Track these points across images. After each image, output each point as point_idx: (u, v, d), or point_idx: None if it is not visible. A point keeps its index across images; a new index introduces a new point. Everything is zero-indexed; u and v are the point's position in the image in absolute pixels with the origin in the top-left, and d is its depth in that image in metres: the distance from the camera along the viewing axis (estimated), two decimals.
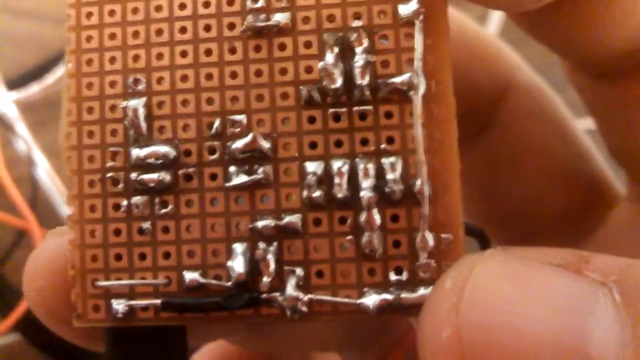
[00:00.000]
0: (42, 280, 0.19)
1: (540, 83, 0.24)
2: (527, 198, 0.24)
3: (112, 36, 0.18)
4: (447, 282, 0.15)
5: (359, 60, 0.17)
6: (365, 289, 0.17)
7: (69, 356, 0.37)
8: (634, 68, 0.19)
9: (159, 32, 0.18)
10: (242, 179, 0.17)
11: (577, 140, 0.24)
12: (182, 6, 0.18)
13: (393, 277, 0.17)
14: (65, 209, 0.38)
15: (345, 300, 0.17)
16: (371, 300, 0.17)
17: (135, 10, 0.18)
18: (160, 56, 0.18)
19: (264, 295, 0.17)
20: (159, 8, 0.18)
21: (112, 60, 0.18)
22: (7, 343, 0.37)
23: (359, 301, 0.17)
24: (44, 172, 0.38)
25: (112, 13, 0.18)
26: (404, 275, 0.17)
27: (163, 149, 0.18)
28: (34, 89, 0.38)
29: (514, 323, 0.14)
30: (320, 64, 0.17)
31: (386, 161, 0.17)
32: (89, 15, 0.18)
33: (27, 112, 0.40)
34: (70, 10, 0.18)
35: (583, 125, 0.25)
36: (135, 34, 0.18)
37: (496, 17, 0.44)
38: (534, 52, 0.24)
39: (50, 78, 0.38)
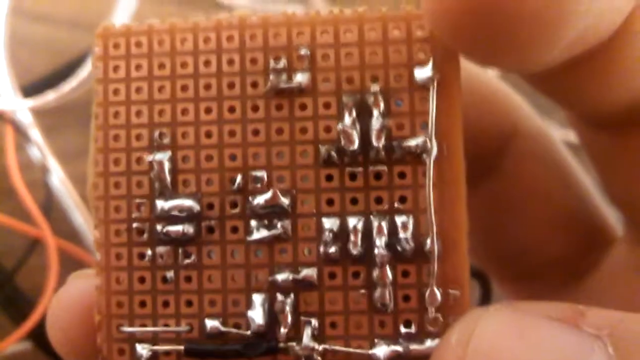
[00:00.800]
0: (66, 321, 0.19)
1: (544, 128, 0.25)
2: (528, 240, 0.24)
3: (139, 90, 0.19)
4: (453, 336, 0.16)
5: (376, 123, 0.18)
6: (376, 340, 0.18)
7: None
8: (636, 121, 0.20)
9: (185, 88, 0.18)
10: (263, 233, 0.18)
11: (578, 183, 0.24)
12: (207, 63, 0.18)
13: (403, 329, 0.18)
14: (78, 217, 0.39)
15: (358, 350, 0.18)
16: (382, 351, 0.18)
17: (161, 66, 0.19)
18: (185, 111, 0.18)
19: (281, 345, 0.18)
20: (184, 64, 0.18)
21: (139, 113, 0.19)
22: (19, 351, 0.37)
23: (370, 352, 0.18)
24: (58, 179, 0.39)
25: (138, 67, 0.19)
26: (413, 328, 0.18)
27: (188, 202, 0.18)
28: (49, 97, 0.38)
29: None
30: (339, 126, 0.18)
31: (399, 220, 0.18)
32: (116, 68, 0.19)
33: (41, 119, 0.40)
34: (97, 62, 0.19)
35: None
36: (161, 89, 0.19)
37: None
38: None
39: (66, 85, 0.38)
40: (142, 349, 0.18)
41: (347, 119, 0.18)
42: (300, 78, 0.18)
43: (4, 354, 0.37)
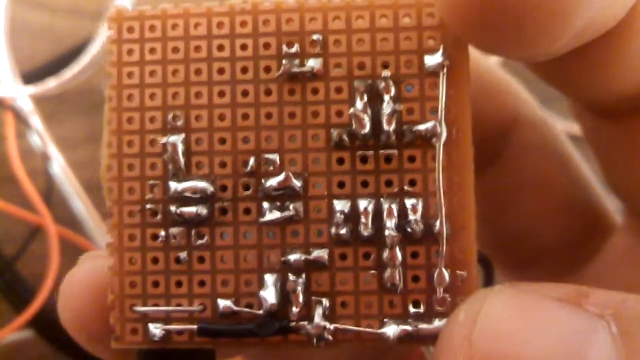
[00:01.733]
0: (79, 302, 0.19)
1: (545, 118, 0.25)
2: (530, 227, 0.25)
3: (153, 73, 0.19)
4: (461, 314, 0.16)
5: (387, 108, 0.18)
6: (386, 320, 0.18)
7: (82, 353, 0.37)
8: (639, 110, 0.20)
9: (198, 72, 0.18)
10: (275, 215, 0.18)
11: (578, 172, 0.25)
12: (221, 48, 0.18)
13: (412, 309, 0.18)
14: (79, 204, 0.38)
15: (368, 330, 0.18)
16: (392, 330, 0.18)
17: (175, 50, 0.18)
18: (199, 95, 0.18)
19: (293, 324, 0.18)
20: (198, 49, 0.18)
21: (153, 96, 0.18)
22: (20, 338, 0.37)
23: (380, 331, 0.18)
24: (59, 166, 0.38)
25: (152, 51, 0.19)
26: (422, 308, 0.18)
27: (202, 184, 0.18)
28: (50, 84, 0.38)
29: (522, 352, 0.15)
30: (351, 110, 0.18)
31: (409, 202, 0.18)
32: (131, 52, 0.19)
33: (42, 106, 0.39)
34: (112, 46, 0.19)
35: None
36: (175, 73, 0.18)
37: None
38: None
39: (67, 73, 0.38)
40: (155, 329, 0.18)
41: (359, 104, 0.18)
42: (313, 63, 0.18)
43: (5, 341, 0.37)
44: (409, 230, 0.18)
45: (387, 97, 0.18)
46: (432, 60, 0.18)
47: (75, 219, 0.38)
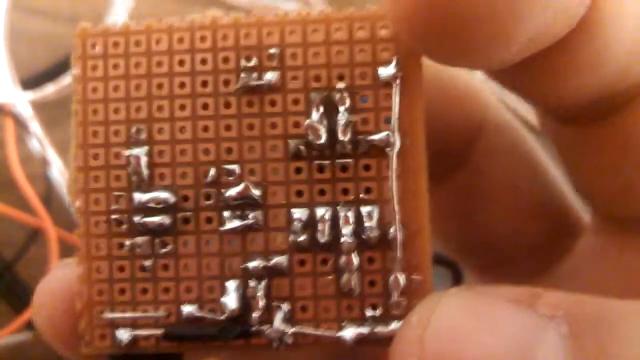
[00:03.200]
0: (51, 308, 0.19)
1: (512, 120, 0.25)
2: (499, 230, 0.24)
3: (116, 88, 0.19)
4: (414, 316, 0.16)
5: (342, 119, 0.18)
6: (344, 323, 0.18)
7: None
8: (600, 115, 0.20)
9: (160, 86, 0.18)
10: (235, 223, 0.18)
11: (546, 173, 0.25)
12: (181, 62, 0.18)
13: (369, 312, 0.18)
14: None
15: (327, 333, 0.18)
16: (349, 333, 0.18)
17: (138, 65, 0.19)
18: (161, 109, 0.18)
19: (254, 328, 0.18)
20: (159, 64, 0.18)
21: (116, 110, 0.19)
22: (19, 340, 0.37)
23: (338, 334, 0.18)
24: (58, 171, 0.39)
25: (116, 66, 0.19)
26: (378, 311, 0.18)
27: (163, 194, 0.18)
28: (49, 89, 0.38)
29: (472, 353, 0.15)
30: (307, 121, 0.18)
31: (364, 209, 0.18)
32: (94, 67, 0.19)
33: (41, 112, 0.39)
34: (76, 61, 0.19)
35: None
36: (138, 87, 0.19)
37: None
38: None
39: (66, 78, 0.38)
40: (123, 334, 0.18)
41: (315, 115, 0.18)
42: (270, 76, 0.18)
43: (3, 343, 0.37)
44: (365, 236, 0.18)
45: (342, 108, 0.18)
46: (386, 71, 0.18)
47: (74, 222, 0.38)
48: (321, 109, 0.18)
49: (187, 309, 0.18)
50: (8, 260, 0.38)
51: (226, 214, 0.18)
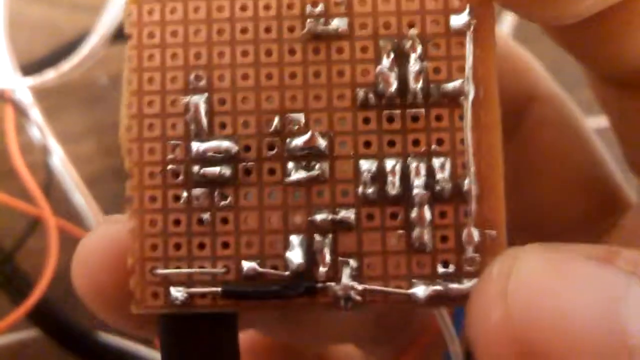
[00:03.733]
0: (94, 267, 0.18)
1: (562, 94, 0.24)
2: (547, 203, 0.24)
3: (174, 33, 0.18)
4: (494, 270, 0.16)
5: (414, 66, 0.17)
6: (414, 280, 0.17)
7: (79, 344, 0.35)
8: None
9: (221, 31, 0.17)
10: (301, 174, 0.17)
11: (594, 149, 0.24)
12: (244, 8, 0.17)
13: (440, 269, 0.17)
14: (79, 197, 0.37)
15: (397, 290, 0.17)
16: (421, 290, 0.17)
17: (197, 9, 0.18)
18: (221, 55, 0.17)
19: (320, 285, 0.17)
20: (220, 8, 0.18)
21: (174, 56, 0.18)
22: (18, 332, 0.35)
23: (409, 291, 0.17)
24: (58, 159, 0.37)
25: (173, 11, 0.18)
26: (451, 268, 0.17)
27: (225, 143, 0.17)
28: (49, 75, 0.36)
29: (558, 304, 0.15)
30: (378, 69, 0.17)
31: (436, 161, 0.17)
32: (151, 12, 0.18)
33: (41, 99, 0.38)
34: (131, 6, 0.18)
35: (595, 124, 0.26)
36: (197, 32, 0.18)
37: (510, 16, 0.43)
38: (546, 50, 0.23)
39: (66, 65, 0.36)
40: (177, 292, 0.17)
41: (385, 62, 0.17)
42: (338, 22, 0.17)
43: (2, 334, 0.35)
44: (437, 188, 0.17)
45: (413, 56, 0.17)
46: (458, 19, 0.17)
47: (74, 212, 0.37)
48: (391, 56, 0.17)
49: (248, 264, 0.17)
50: (7, 251, 0.36)
51: (290, 165, 0.17)
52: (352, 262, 0.17)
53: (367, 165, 0.17)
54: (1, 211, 0.36)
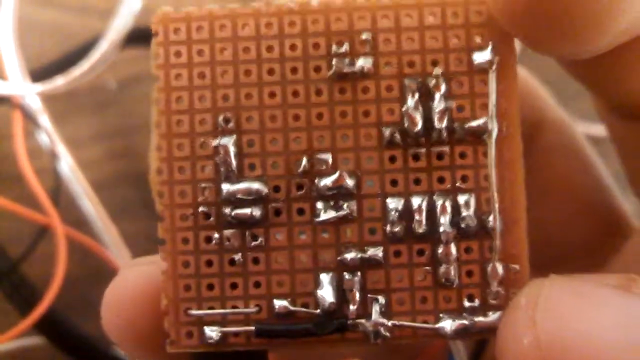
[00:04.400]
0: (128, 310, 0.18)
1: (568, 120, 0.25)
2: (552, 226, 0.24)
3: (201, 75, 0.18)
4: (521, 300, 0.16)
5: (438, 105, 0.17)
6: (441, 315, 0.17)
7: (87, 354, 0.35)
8: None
9: (248, 72, 0.18)
10: (330, 214, 0.17)
11: (598, 173, 0.25)
12: (270, 48, 0.18)
13: (467, 303, 0.17)
14: (87, 204, 0.37)
15: (425, 325, 0.17)
16: (448, 324, 0.17)
17: (223, 50, 0.18)
18: (249, 96, 0.18)
19: (350, 322, 0.17)
20: (247, 49, 0.18)
21: (202, 98, 0.18)
22: (25, 341, 0.35)
23: (437, 325, 0.17)
24: (67, 165, 0.37)
25: (200, 52, 0.18)
26: (477, 302, 0.17)
27: (255, 185, 0.17)
28: (58, 82, 0.36)
29: (584, 330, 0.15)
30: (404, 108, 0.17)
31: (461, 198, 0.17)
32: (178, 54, 0.18)
33: (50, 105, 0.38)
34: (158, 48, 0.18)
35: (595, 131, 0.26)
36: (224, 74, 0.18)
37: None
38: (550, 60, 0.24)
39: (76, 70, 0.36)
40: (212, 331, 0.17)
41: (411, 101, 0.17)
42: (363, 62, 0.17)
43: (10, 344, 0.35)
44: (463, 225, 0.17)
45: (437, 95, 0.17)
46: (481, 56, 0.17)
47: (82, 219, 0.37)
48: (417, 95, 0.17)
49: (280, 303, 0.17)
50: (14, 259, 0.36)
51: (319, 204, 0.17)
52: (381, 299, 0.17)
53: (394, 204, 0.17)
54: (9, 218, 0.36)
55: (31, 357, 0.36)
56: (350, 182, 0.17)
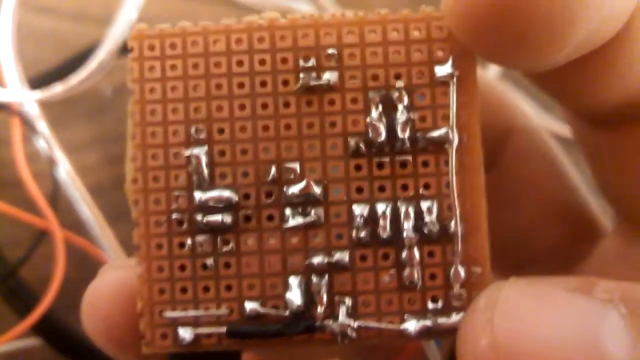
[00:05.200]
0: (106, 311, 0.19)
1: (538, 127, 0.25)
2: (523, 231, 0.25)
3: (174, 89, 0.18)
4: (480, 302, 0.17)
5: (401, 116, 0.18)
6: (406, 316, 0.18)
7: (91, 357, 0.36)
8: (629, 119, 0.21)
9: (219, 86, 0.18)
10: (298, 220, 0.18)
11: (569, 178, 0.25)
12: (240, 63, 0.18)
13: (430, 305, 0.18)
14: (85, 208, 0.38)
15: (390, 326, 0.18)
16: (412, 325, 0.18)
17: (195, 65, 0.18)
18: (220, 108, 0.18)
19: (318, 323, 0.18)
20: (218, 64, 0.18)
21: (175, 111, 0.18)
22: (24, 344, 0.36)
23: (402, 327, 0.18)
24: (64, 171, 0.38)
25: (173, 67, 0.18)
26: (440, 304, 0.18)
27: (226, 193, 0.18)
28: (56, 89, 0.37)
29: (541, 332, 0.16)
30: (368, 119, 0.18)
31: (424, 205, 0.18)
32: (152, 69, 0.18)
33: (48, 111, 0.38)
34: (133, 64, 0.18)
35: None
36: (196, 87, 0.18)
37: None
38: None
39: (74, 78, 0.37)
40: (185, 333, 0.18)
41: (374, 113, 0.18)
42: (329, 76, 0.18)
43: (8, 346, 0.36)
44: (425, 231, 0.18)
45: (400, 106, 0.18)
46: (442, 70, 0.18)
47: (80, 223, 0.37)
48: (380, 107, 0.18)
49: (250, 305, 0.18)
50: (13, 263, 0.37)
51: (288, 211, 0.18)
52: (348, 301, 0.18)
53: (359, 210, 0.18)
54: (8, 222, 0.37)
55: (29, 359, 0.37)
56: (317, 190, 0.18)
